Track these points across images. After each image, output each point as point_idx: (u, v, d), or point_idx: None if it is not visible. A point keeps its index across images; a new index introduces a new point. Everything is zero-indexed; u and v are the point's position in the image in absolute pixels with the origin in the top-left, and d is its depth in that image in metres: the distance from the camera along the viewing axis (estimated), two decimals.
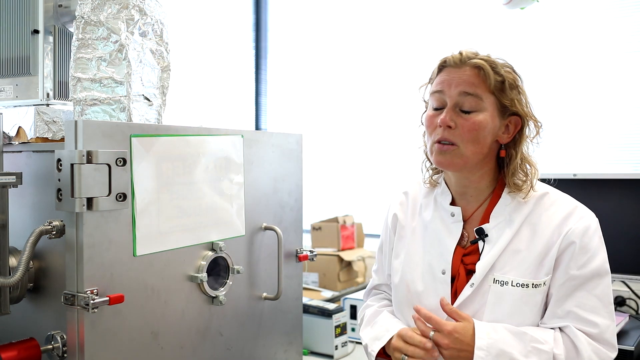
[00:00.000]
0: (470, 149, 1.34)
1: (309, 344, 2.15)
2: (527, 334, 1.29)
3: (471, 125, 1.32)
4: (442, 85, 1.36)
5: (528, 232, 1.36)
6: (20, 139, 1.37)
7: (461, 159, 1.35)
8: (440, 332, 1.31)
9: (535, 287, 1.32)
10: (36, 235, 1.15)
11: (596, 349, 1.29)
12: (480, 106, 1.33)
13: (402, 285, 1.47)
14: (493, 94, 1.33)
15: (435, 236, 1.44)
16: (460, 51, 1.37)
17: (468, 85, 1.33)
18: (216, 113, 3.49)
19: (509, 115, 1.36)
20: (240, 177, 1.47)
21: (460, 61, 1.35)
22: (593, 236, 1.33)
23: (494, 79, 1.32)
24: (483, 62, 1.33)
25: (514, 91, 1.35)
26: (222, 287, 1.43)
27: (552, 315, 1.33)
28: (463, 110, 1.33)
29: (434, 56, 1.40)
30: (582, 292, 1.31)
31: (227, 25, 3.64)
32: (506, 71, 1.35)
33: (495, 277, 1.34)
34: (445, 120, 1.33)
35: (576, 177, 2.31)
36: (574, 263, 1.31)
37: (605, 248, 1.35)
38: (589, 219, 1.35)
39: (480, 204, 1.42)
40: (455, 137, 1.34)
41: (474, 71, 1.33)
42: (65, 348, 1.17)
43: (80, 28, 1.33)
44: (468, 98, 1.33)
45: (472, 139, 1.33)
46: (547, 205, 1.37)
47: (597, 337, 1.30)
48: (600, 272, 1.32)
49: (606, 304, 1.32)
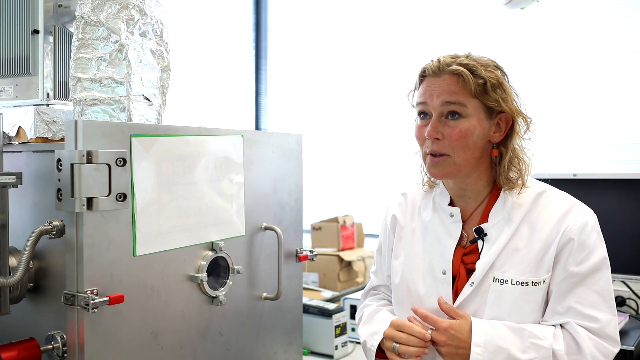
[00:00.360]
0: (461, 157, 1.34)
1: (309, 344, 2.15)
2: (526, 330, 1.29)
3: (458, 134, 1.32)
4: (424, 97, 1.36)
5: (527, 230, 1.36)
6: (20, 139, 1.37)
7: (454, 167, 1.35)
8: (437, 330, 1.32)
9: (535, 284, 1.33)
10: (36, 235, 1.15)
11: (598, 344, 1.29)
12: (464, 112, 1.32)
13: (402, 286, 1.47)
14: (476, 98, 1.32)
15: (434, 237, 1.44)
16: (438, 58, 1.36)
17: (449, 94, 1.32)
18: (216, 113, 3.49)
19: (498, 114, 1.36)
20: (240, 177, 1.47)
21: (438, 69, 1.34)
22: (591, 232, 1.33)
23: (474, 83, 1.30)
24: (461, 67, 1.31)
25: (498, 90, 1.33)
26: (222, 287, 1.43)
27: (552, 312, 1.34)
28: (448, 119, 1.33)
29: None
30: (581, 288, 1.31)
31: (227, 25, 3.64)
32: (487, 71, 1.33)
33: (495, 276, 1.34)
34: (432, 133, 1.33)
35: (576, 177, 2.31)
36: (573, 259, 1.31)
37: (605, 244, 1.36)
38: (587, 215, 1.35)
39: (478, 204, 1.42)
40: (445, 147, 1.33)
41: (453, 78, 1.32)
42: (65, 348, 1.17)
43: (80, 28, 1.33)
44: (451, 106, 1.32)
45: (462, 146, 1.32)
46: (545, 203, 1.38)
47: (599, 332, 1.30)
48: (599, 268, 1.32)
49: (606, 299, 1.32)
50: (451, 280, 1.39)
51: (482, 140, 1.35)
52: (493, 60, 1.38)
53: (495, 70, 1.35)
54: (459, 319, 1.32)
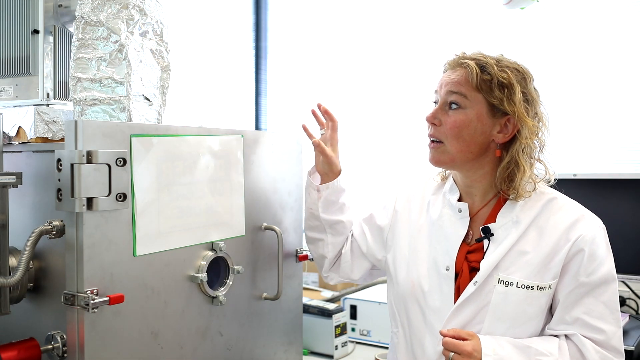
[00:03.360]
0: (455, 146, 1.37)
1: (309, 344, 2.15)
2: (532, 348, 1.29)
3: (453, 122, 1.36)
4: (438, 86, 1.43)
5: (535, 234, 1.36)
6: (20, 139, 1.37)
7: (447, 155, 1.38)
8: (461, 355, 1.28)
9: (540, 289, 1.32)
10: (36, 235, 1.15)
11: (603, 356, 1.29)
12: (464, 104, 1.36)
13: (407, 281, 1.47)
14: (480, 93, 1.35)
15: (441, 232, 1.45)
16: (461, 53, 1.41)
17: (454, 85, 1.37)
18: (216, 113, 3.49)
19: (504, 114, 1.36)
20: (240, 177, 1.47)
21: (455, 62, 1.40)
22: (601, 243, 1.33)
23: (479, 77, 1.34)
24: (471, 61, 1.36)
25: (506, 90, 1.34)
26: (222, 287, 1.43)
27: (559, 321, 1.34)
28: (449, 108, 1.38)
29: (433, 56, 1.41)
30: (589, 298, 1.31)
31: (227, 26, 3.64)
32: (501, 70, 1.34)
33: (500, 277, 1.34)
34: (430, 118, 1.41)
35: (576, 177, 2.31)
36: (583, 270, 1.31)
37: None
38: (598, 227, 1.36)
39: (486, 203, 1.43)
40: (441, 134, 1.39)
41: (462, 71, 1.38)
42: (65, 348, 1.17)
43: (80, 28, 1.33)
44: (453, 96, 1.37)
45: (455, 135, 1.36)
46: (555, 209, 1.38)
47: (604, 344, 1.30)
48: (607, 279, 1.32)
49: (613, 310, 1.33)
50: (454, 277, 1.40)
51: (482, 136, 1.36)
52: (521, 65, 1.40)
53: (512, 72, 1.36)
54: (470, 339, 1.30)
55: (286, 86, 3.79)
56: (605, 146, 2.73)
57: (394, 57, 3.32)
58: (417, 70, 3.13)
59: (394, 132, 3.31)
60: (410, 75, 3.19)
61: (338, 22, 3.57)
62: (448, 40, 3.07)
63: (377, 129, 3.42)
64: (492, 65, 1.35)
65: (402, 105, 3.22)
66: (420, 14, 3.24)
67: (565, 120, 2.80)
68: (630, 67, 2.67)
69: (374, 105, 3.42)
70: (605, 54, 2.72)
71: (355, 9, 3.50)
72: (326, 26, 3.62)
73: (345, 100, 3.55)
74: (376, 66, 3.40)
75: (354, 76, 3.50)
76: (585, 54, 2.77)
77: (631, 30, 2.66)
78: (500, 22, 2.94)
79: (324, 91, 3.63)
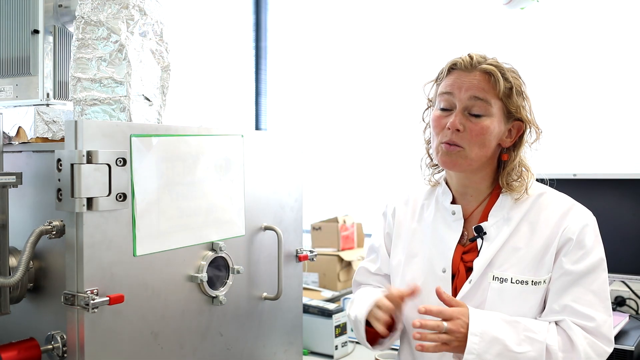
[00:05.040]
0: (475, 152, 1.36)
1: (309, 344, 2.15)
2: (520, 323, 1.30)
3: (479, 130, 1.34)
4: (452, 88, 1.38)
5: (527, 230, 1.37)
6: (20, 139, 1.37)
7: (466, 160, 1.37)
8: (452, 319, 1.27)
9: (535, 284, 1.34)
10: (36, 235, 1.15)
11: (592, 343, 1.30)
12: (488, 111, 1.35)
13: (403, 286, 1.47)
14: (500, 100, 1.36)
15: (436, 235, 1.45)
16: (469, 54, 1.38)
17: (478, 90, 1.35)
18: (216, 113, 3.49)
19: (513, 120, 1.39)
20: (240, 177, 1.47)
21: (470, 65, 1.36)
22: (589, 233, 1.35)
23: (503, 85, 1.34)
24: (493, 67, 1.35)
25: (520, 97, 1.38)
26: (222, 287, 1.43)
27: (549, 310, 1.35)
28: (472, 114, 1.35)
29: (433, 56, 1.42)
30: (578, 287, 1.32)
31: (227, 25, 3.64)
32: (513, 77, 1.37)
33: (495, 274, 1.35)
34: (455, 124, 1.35)
35: (576, 177, 2.31)
36: (569, 258, 1.33)
37: (603, 247, 1.37)
38: (586, 216, 1.37)
39: (479, 203, 1.44)
40: (463, 140, 1.35)
41: (484, 76, 1.35)
42: (65, 348, 1.17)
43: (80, 28, 1.33)
44: (478, 102, 1.35)
45: (479, 142, 1.35)
46: (545, 204, 1.40)
47: (593, 331, 1.30)
48: (596, 268, 1.33)
49: (602, 299, 1.33)
50: (451, 278, 1.40)
51: (495, 141, 1.39)
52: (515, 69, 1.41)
53: (519, 78, 1.39)
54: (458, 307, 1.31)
55: (286, 86, 3.79)
56: (605, 146, 2.73)
57: (393, 56, 3.31)
58: (417, 71, 3.13)
59: (393, 132, 3.32)
60: (410, 75, 3.19)
61: (338, 22, 3.57)
62: (448, 40, 3.08)
63: (377, 129, 3.42)
64: (509, 71, 1.36)
65: (402, 104, 3.22)
66: (421, 14, 3.24)
67: (565, 120, 2.80)
68: (630, 67, 2.67)
69: (374, 105, 3.42)
70: (605, 54, 2.72)
71: (355, 9, 3.50)
72: (326, 26, 3.62)
73: (345, 100, 3.55)
74: (376, 66, 3.40)
75: (354, 76, 3.50)
76: (585, 54, 2.77)
77: (631, 31, 2.67)
78: (500, 22, 2.94)
79: (324, 91, 3.63)
